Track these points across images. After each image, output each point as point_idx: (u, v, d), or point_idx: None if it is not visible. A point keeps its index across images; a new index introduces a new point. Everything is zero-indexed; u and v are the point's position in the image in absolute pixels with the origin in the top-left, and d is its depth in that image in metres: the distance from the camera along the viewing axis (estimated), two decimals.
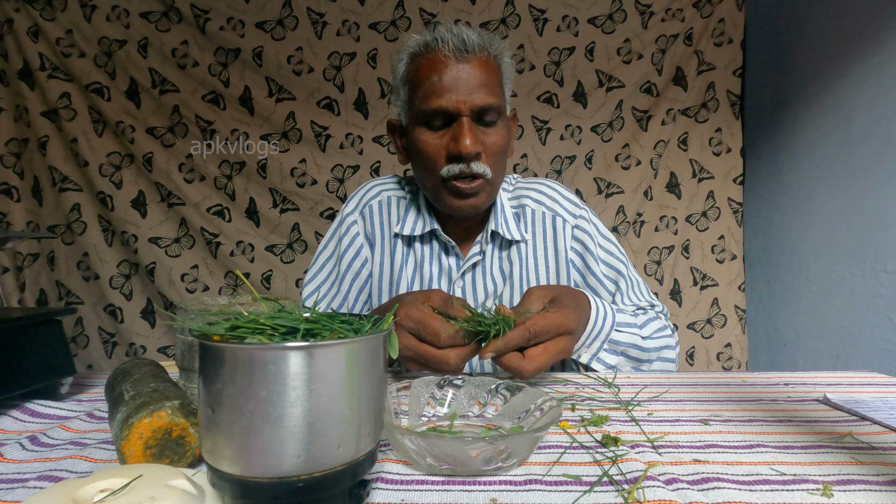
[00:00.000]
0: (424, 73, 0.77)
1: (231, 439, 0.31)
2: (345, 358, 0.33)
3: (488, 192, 0.80)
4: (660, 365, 0.80)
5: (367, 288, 0.90)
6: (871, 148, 1.50)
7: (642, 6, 1.93)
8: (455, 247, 0.86)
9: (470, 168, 0.76)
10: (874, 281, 1.49)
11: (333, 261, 0.91)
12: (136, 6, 1.86)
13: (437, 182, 0.79)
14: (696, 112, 1.96)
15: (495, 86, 0.78)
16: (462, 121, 0.75)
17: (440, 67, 0.75)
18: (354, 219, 0.90)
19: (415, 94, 0.78)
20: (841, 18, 1.63)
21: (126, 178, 1.89)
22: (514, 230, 0.86)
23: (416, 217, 0.87)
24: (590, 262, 0.87)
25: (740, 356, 1.96)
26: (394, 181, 0.95)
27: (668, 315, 0.90)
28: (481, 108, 0.75)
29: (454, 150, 0.75)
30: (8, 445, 0.45)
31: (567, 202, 0.90)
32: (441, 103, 0.74)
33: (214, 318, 0.38)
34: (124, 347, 1.92)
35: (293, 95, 1.93)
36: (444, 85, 0.75)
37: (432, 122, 0.77)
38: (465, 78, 0.75)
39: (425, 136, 0.78)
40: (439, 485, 0.39)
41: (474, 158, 0.76)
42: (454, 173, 0.76)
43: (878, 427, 0.51)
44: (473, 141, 0.74)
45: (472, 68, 0.75)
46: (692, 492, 0.37)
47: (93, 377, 0.70)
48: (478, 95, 0.75)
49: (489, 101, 0.75)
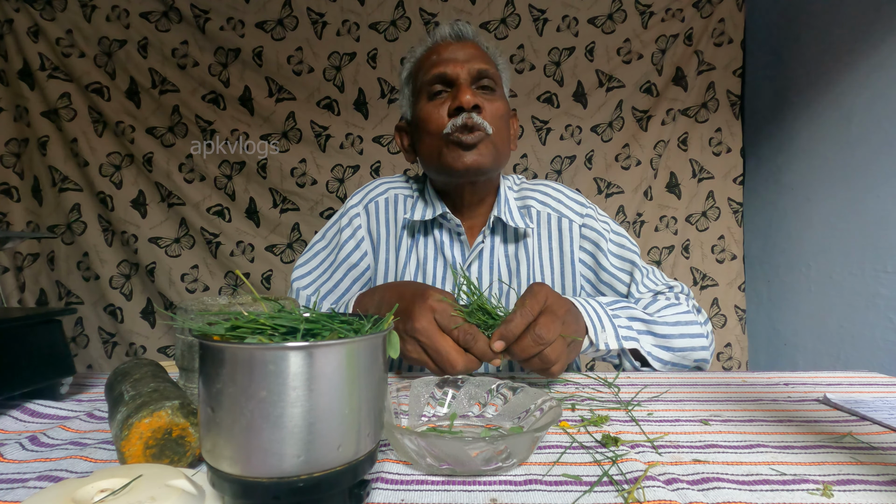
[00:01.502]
0: (426, 59, 0.84)
1: (231, 439, 0.31)
2: (345, 358, 0.33)
3: (490, 148, 0.80)
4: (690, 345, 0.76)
5: (364, 281, 0.90)
6: (871, 148, 1.50)
7: (642, 6, 1.93)
8: (462, 232, 0.85)
9: (471, 118, 0.77)
10: (874, 281, 1.49)
11: (329, 250, 0.91)
12: (136, 6, 1.86)
13: (440, 143, 0.80)
14: (696, 112, 1.96)
15: (490, 63, 0.84)
16: (460, 81, 0.80)
17: (439, 49, 0.83)
18: (358, 212, 0.91)
19: (417, 80, 0.85)
20: (841, 18, 1.63)
21: (126, 178, 1.89)
22: (518, 219, 0.86)
23: (425, 207, 0.88)
24: (601, 259, 0.87)
25: (740, 356, 1.96)
26: (401, 179, 0.96)
27: (690, 294, 0.88)
28: (478, 72, 0.80)
29: (454, 104, 0.78)
30: (8, 445, 0.45)
31: (572, 202, 0.90)
32: (439, 69, 0.80)
33: (214, 318, 0.38)
34: (124, 347, 1.92)
35: (293, 95, 1.93)
36: (442, 58, 0.82)
37: (433, 89, 0.81)
38: (462, 51, 0.82)
39: (428, 107, 0.81)
40: (439, 485, 0.39)
41: (474, 110, 0.78)
42: (456, 126, 0.77)
43: (878, 427, 0.51)
44: (472, 95, 0.78)
45: (467, 47, 0.83)
46: (692, 492, 0.37)
47: (93, 377, 0.70)
48: (474, 63, 0.81)
49: (485, 66, 0.81)
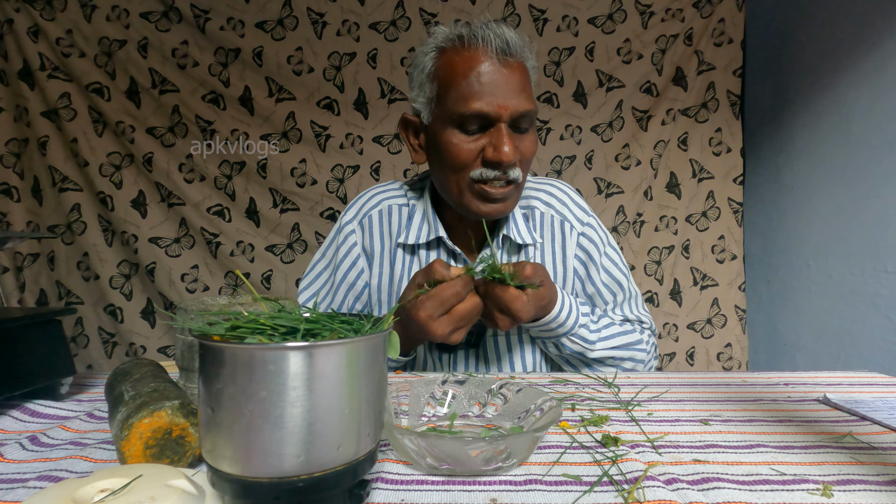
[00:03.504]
0: (461, 71, 0.72)
1: (231, 439, 0.31)
2: (345, 358, 0.33)
3: (516, 197, 0.79)
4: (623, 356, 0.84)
5: (364, 298, 0.89)
6: (871, 148, 1.50)
7: (642, 6, 1.93)
8: (462, 254, 0.84)
9: (507, 174, 0.74)
10: (874, 281, 1.49)
11: (330, 269, 0.90)
12: (136, 6, 1.86)
13: (464, 185, 0.76)
14: (696, 112, 1.96)
15: (531, 91, 0.76)
16: (501, 127, 0.72)
17: (479, 67, 0.71)
18: (353, 228, 0.89)
19: (446, 92, 0.74)
20: (841, 18, 1.63)
21: (126, 178, 1.89)
22: (525, 234, 0.85)
23: (421, 223, 0.85)
24: (591, 270, 0.87)
25: (740, 356, 1.96)
26: (396, 187, 0.92)
27: (654, 332, 0.92)
28: (521, 115, 0.73)
29: (494, 158, 0.72)
30: (8, 445, 0.45)
31: (576, 208, 0.89)
32: (481, 107, 0.71)
33: (214, 318, 0.38)
34: (124, 347, 1.92)
35: (293, 95, 1.92)
36: (483, 87, 0.71)
37: (467, 125, 0.73)
38: (506, 82, 0.71)
39: (457, 140, 0.74)
40: (439, 485, 0.39)
41: (512, 166, 0.74)
42: (488, 177, 0.74)
43: (878, 427, 0.51)
44: (513, 149, 0.72)
45: (511, 72, 0.72)
46: (692, 492, 0.37)
47: (93, 377, 0.71)
48: (518, 101, 0.72)
49: (528, 106, 0.73)
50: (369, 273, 0.88)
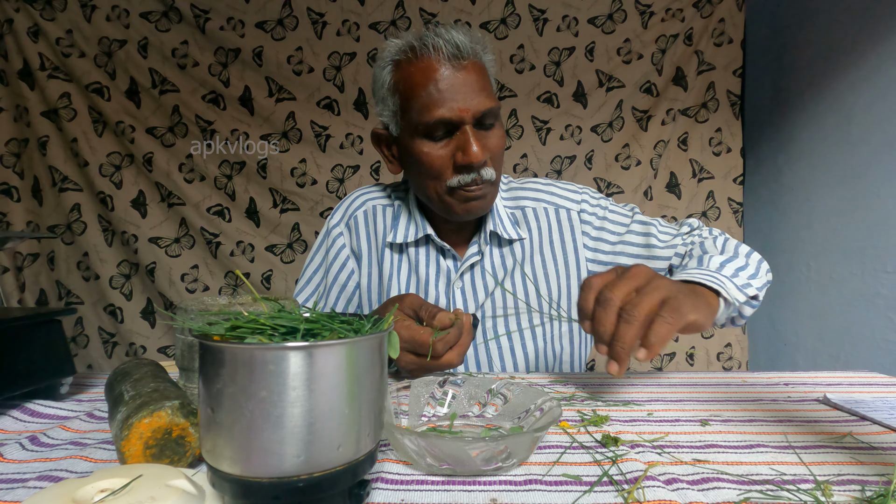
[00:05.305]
0: (419, 82, 0.74)
1: (231, 439, 0.31)
2: (345, 358, 0.33)
3: (493, 193, 0.81)
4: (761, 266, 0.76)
5: (356, 299, 0.90)
6: (871, 148, 1.50)
7: (642, 6, 1.93)
8: (451, 250, 0.86)
9: (480, 175, 0.75)
10: (874, 281, 1.49)
11: (321, 272, 0.91)
12: (136, 6, 1.86)
13: (443, 192, 0.78)
14: (696, 112, 1.96)
15: (490, 87, 0.77)
16: (466, 129, 0.74)
17: (435, 76, 0.73)
18: (340, 230, 0.90)
19: (409, 104, 0.76)
20: (841, 19, 1.63)
21: (126, 178, 1.89)
22: (510, 230, 0.86)
23: (408, 223, 0.87)
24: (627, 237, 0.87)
25: (740, 356, 1.96)
26: (378, 189, 0.94)
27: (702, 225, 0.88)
28: (483, 113, 0.74)
29: (464, 161, 0.74)
30: (8, 445, 0.45)
31: (565, 191, 0.90)
32: (443, 113, 0.73)
33: (214, 318, 0.38)
34: (124, 347, 1.92)
35: (293, 95, 1.93)
36: (443, 95, 0.73)
37: (434, 132, 0.75)
38: (463, 84, 0.73)
39: (428, 149, 0.76)
40: (439, 485, 0.39)
41: (483, 166, 0.75)
42: (465, 183, 0.76)
43: (878, 427, 0.51)
44: (481, 149, 0.74)
45: (466, 74, 0.74)
46: (692, 492, 0.37)
47: (93, 377, 0.71)
48: (478, 101, 0.74)
49: (489, 104, 0.75)
50: (359, 273, 0.89)
